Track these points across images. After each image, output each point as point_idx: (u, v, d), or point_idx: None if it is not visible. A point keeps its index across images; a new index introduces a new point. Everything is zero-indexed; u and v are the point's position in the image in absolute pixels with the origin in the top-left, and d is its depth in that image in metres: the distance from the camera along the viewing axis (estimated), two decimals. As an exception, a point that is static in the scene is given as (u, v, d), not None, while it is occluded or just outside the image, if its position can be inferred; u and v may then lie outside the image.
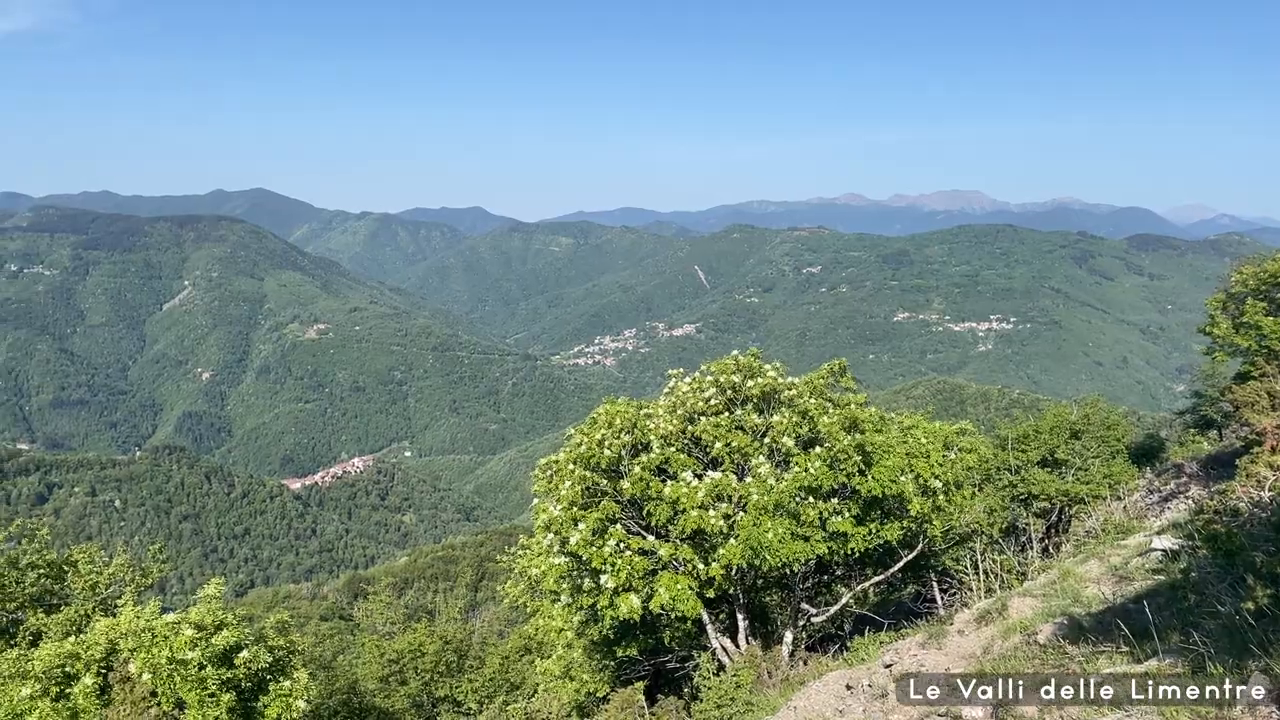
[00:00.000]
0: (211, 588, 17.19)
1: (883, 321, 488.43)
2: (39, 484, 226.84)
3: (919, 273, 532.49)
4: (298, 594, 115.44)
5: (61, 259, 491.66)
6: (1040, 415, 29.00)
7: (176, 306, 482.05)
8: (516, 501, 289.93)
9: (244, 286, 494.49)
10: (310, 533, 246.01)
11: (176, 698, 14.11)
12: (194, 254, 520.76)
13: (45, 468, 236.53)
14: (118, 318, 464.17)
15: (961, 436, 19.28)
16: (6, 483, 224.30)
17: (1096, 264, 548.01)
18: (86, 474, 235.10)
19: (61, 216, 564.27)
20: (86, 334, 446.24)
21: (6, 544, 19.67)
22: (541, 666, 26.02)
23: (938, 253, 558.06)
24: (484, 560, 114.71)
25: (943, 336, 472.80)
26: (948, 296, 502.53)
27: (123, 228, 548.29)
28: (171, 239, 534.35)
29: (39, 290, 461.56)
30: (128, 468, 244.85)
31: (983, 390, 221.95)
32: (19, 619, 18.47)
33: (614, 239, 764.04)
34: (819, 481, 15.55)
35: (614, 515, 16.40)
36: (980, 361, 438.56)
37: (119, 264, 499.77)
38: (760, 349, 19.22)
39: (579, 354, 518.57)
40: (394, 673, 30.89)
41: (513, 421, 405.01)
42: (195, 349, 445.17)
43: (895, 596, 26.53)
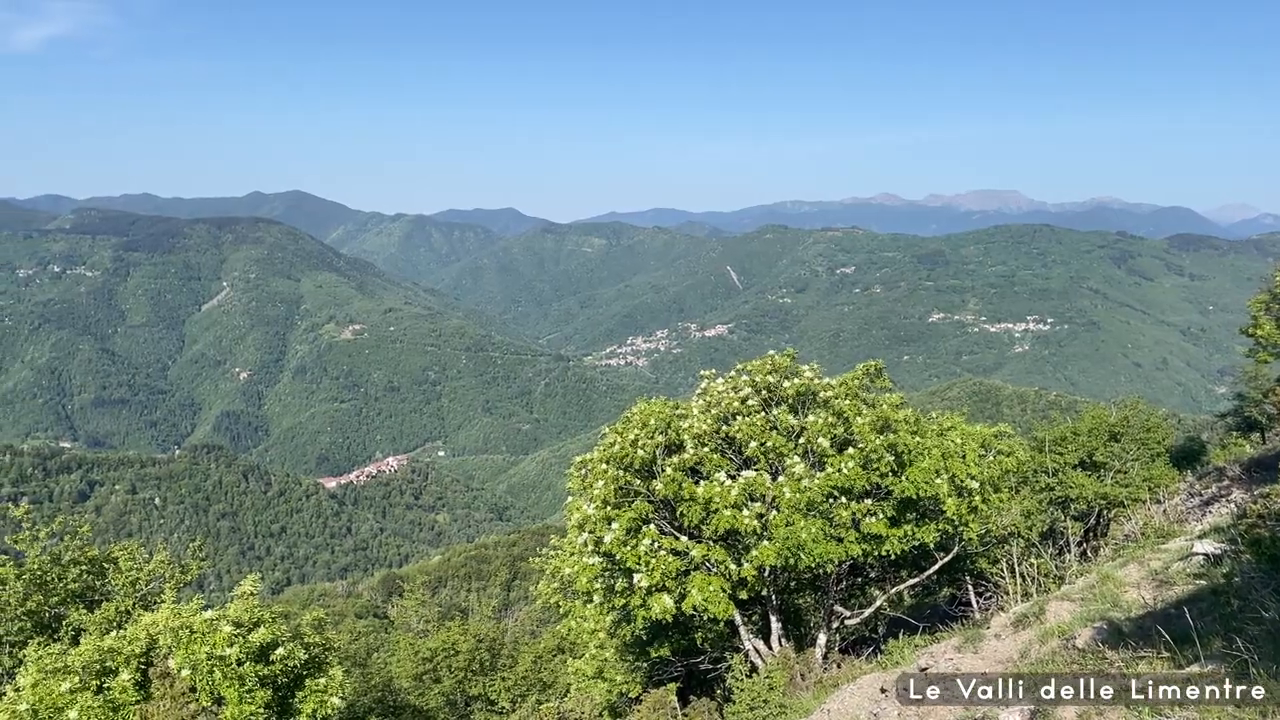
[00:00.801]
0: (247, 584, 17.41)
1: (917, 322, 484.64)
2: (81, 481, 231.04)
3: (955, 273, 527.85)
4: (333, 592, 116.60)
5: (103, 260, 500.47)
6: (1078, 417, 28.62)
7: (215, 307, 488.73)
8: (549, 501, 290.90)
9: (281, 287, 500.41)
10: (345, 531, 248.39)
11: (215, 693, 14.31)
12: (232, 255, 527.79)
13: (87, 466, 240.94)
14: (158, 318, 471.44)
15: (999, 439, 19.07)
16: (49, 480, 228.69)
17: (1136, 264, 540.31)
18: (127, 472, 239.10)
19: (103, 218, 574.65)
20: (127, 334, 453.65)
21: (49, 540, 19.98)
22: (574, 666, 26.08)
23: (974, 253, 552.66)
24: (516, 560, 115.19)
25: (978, 338, 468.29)
26: (984, 297, 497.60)
27: (163, 229, 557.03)
28: (210, 240, 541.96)
29: (81, 291, 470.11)
30: (167, 466, 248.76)
31: (1019, 392, 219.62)
32: (61, 614, 18.77)
33: (646, 239, 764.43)
34: (852, 482, 15.45)
35: (647, 515, 16.40)
36: (1017, 363, 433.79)
37: (159, 265, 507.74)
38: (794, 350, 19.14)
39: (611, 355, 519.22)
40: (428, 671, 31.09)
41: (545, 422, 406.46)
42: (233, 349, 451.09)
43: (930, 600, 26.32)
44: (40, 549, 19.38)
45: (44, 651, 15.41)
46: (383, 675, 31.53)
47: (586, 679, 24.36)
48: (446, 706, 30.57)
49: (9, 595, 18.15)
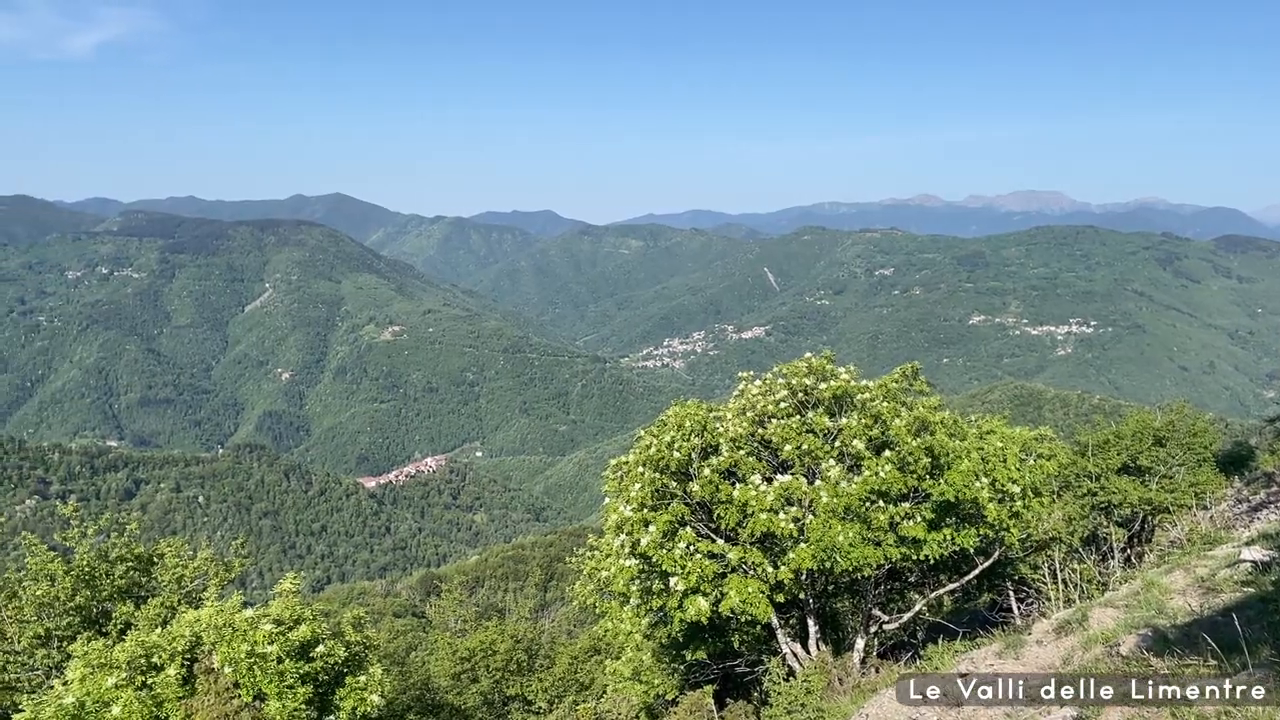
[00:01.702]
0: (287, 582, 17.63)
1: (957, 325, 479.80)
2: (127, 479, 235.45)
3: (995, 275, 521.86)
4: (372, 591, 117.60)
5: (149, 262, 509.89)
6: (1122, 421, 28.13)
7: (258, 308, 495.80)
8: (585, 503, 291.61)
9: (322, 289, 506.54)
10: (384, 530, 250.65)
11: (257, 689, 14.51)
12: (274, 257, 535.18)
13: (133, 464, 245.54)
14: (202, 319, 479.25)
15: (1041, 442, 18.81)
16: (96, 478, 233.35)
17: (1182, 266, 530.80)
18: (172, 470, 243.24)
19: (149, 221, 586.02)
20: (173, 335, 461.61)
21: (97, 537, 20.34)
22: (610, 668, 26.10)
23: (1015, 254, 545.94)
24: (553, 560, 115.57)
25: (1020, 340, 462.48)
26: (1025, 299, 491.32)
27: (207, 232, 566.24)
28: (253, 243, 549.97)
29: (128, 292, 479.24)
30: (211, 465, 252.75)
31: (1062, 395, 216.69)
32: (108, 610, 19.12)
33: (683, 241, 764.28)
34: (889, 485, 15.32)
35: (684, 517, 16.39)
36: (1059, 366, 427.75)
37: (203, 267, 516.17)
38: (832, 352, 19.02)
39: (648, 356, 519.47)
40: (466, 670, 31.31)
41: (582, 423, 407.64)
42: (275, 350, 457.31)
43: (970, 605, 26.01)
44: (88, 546, 19.76)
45: (91, 647, 15.72)
46: (421, 674, 31.80)
47: (623, 680, 24.37)
48: (484, 706, 30.77)
49: (58, 591, 18.52)
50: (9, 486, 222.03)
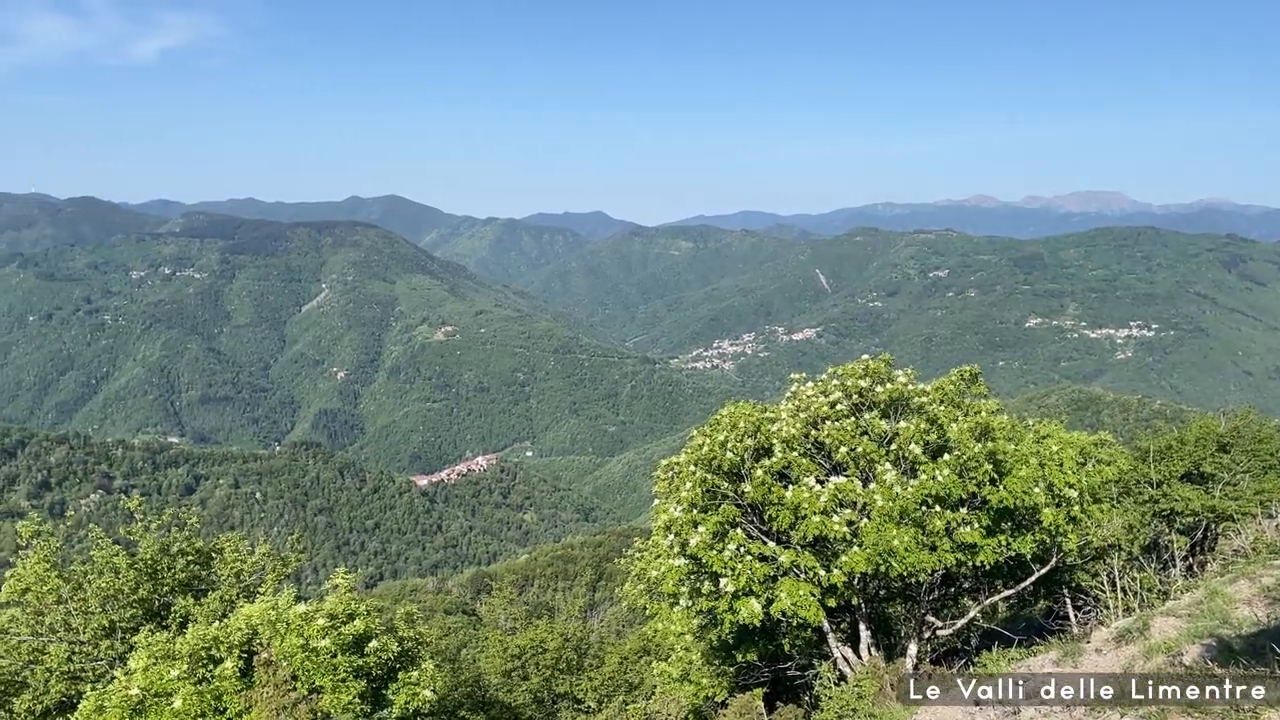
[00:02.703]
0: (341, 578, 17.90)
1: (1013, 327, 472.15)
2: (187, 475, 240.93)
3: (1053, 277, 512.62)
4: (424, 588, 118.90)
5: (210, 263, 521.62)
6: (1184, 426, 27.48)
7: (314, 308, 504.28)
8: (634, 503, 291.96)
9: (377, 289, 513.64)
10: (436, 528, 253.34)
11: (312, 683, 14.76)
12: (331, 258, 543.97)
13: (193, 460, 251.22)
14: (260, 319, 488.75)
15: (1100, 448, 18.44)
16: (158, 474, 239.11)
17: (1247, 268, 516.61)
18: (230, 467, 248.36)
19: (211, 222, 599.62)
20: (232, 334, 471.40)
21: (159, 532, 20.80)
22: (659, 668, 26.08)
23: (1074, 256, 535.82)
24: (602, 561, 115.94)
25: (1078, 343, 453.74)
26: (1084, 301, 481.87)
27: (266, 233, 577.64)
28: (310, 244, 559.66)
29: (190, 292, 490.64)
30: (268, 462, 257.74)
31: (1121, 400, 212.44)
32: (170, 603, 19.55)
33: (734, 242, 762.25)
34: (946, 490, 15.14)
35: (734, 519, 16.33)
36: (1118, 370, 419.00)
37: (262, 268, 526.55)
38: (890, 355, 18.83)
39: (697, 358, 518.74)
40: (516, 668, 31.52)
41: (631, 424, 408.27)
42: (331, 349, 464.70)
43: (1026, 612, 25.60)
44: (151, 540, 20.23)
45: (153, 639, 16.09)
46: (472, 671, 32.07)
47: (672, 681, 24.34)
48: (534, 704, 30.95)
49: (122, 583, 18.98)
50: (75, 481, 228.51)
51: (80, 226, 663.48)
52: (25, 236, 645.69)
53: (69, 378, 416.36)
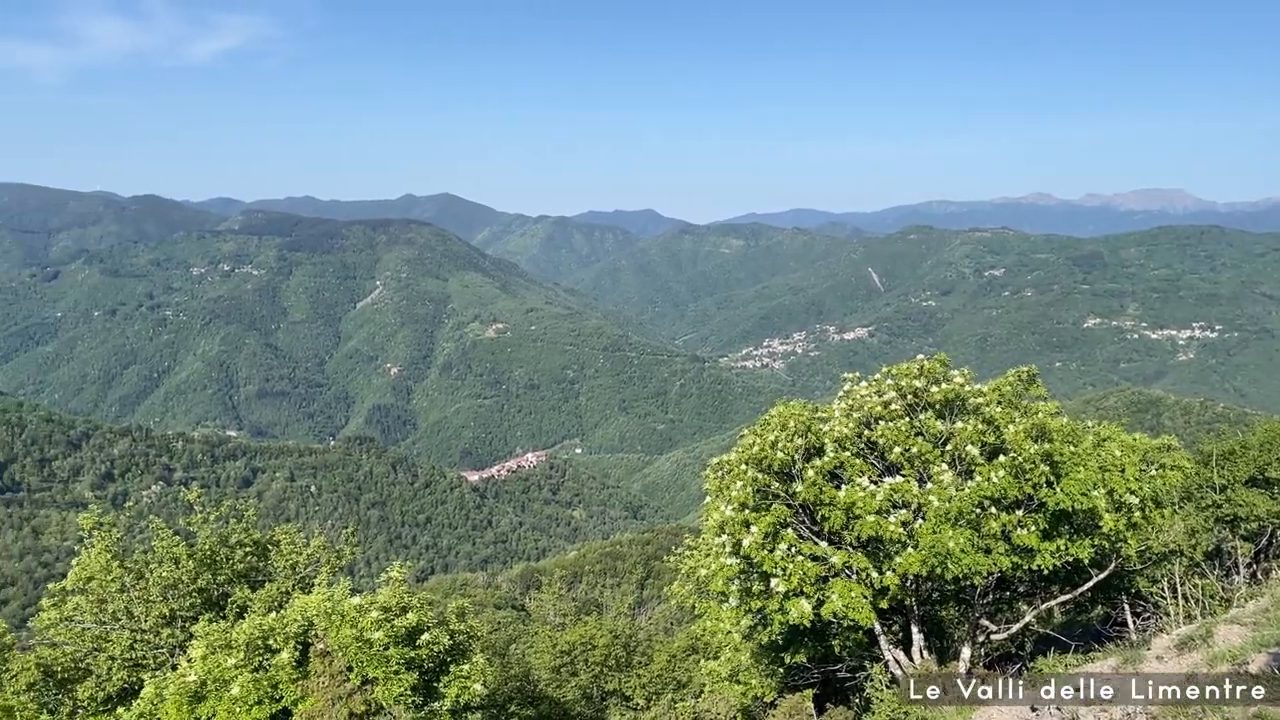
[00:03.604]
0: (395, 571, 18.10)
1: (1071, 328, 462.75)
2: (245, 468, 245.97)
3: (1113, 276, 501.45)
4: (474, 582, 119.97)
5: (268, 260, 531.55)
6: (1249, 430, 26.73)
7: (369, 305, 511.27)
8: (682, 502, 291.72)
9: (430, 287, 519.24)
10: (486, 524, 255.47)
11: (364, 674, 14.97)
12: (385, 255, 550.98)
13: (250, 454, 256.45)
14: (316, 315, 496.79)
15: (1165, 452, 17.97)
16: (217, 466, 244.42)
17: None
18: (286, 461, 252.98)
19: (268, 220, 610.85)
20: (289, 330, 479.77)
21: (218, 523, 21.22)
22: (708, 667, 26.04)
23: (1134, 255, 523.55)
24: (650, 558, 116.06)
25: (1138, 344, 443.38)
26: (1144, 302, 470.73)
27: (322, 231, 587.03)
28: (365, 241, 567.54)
29: (248, 289, 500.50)
30: (323, 456, 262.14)
31: (1183, 402, 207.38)
32: (228, 593, 19.94)
33: (785, 240, 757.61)
34: (1003, 492, 14.89)
35: (785, 519, 16.24)
36: (1180, 371, 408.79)
37: (318, 265, 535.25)
38: (945, 355, 18.56)
39: (747, 356, 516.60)
40: (565, 664, 31.64)
41: (680, 422, 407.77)
42: (385, 345, 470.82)
43: (1083, 618, 25.11)
44: (210, 531, 20.67)
45: (212, 628, 16.43)
46: (522, 666, 32.28)
47: (721, 680, 24.29)
48: (583, 700, 31.04)
49: (182, 573, 19.40)
50: (137, 472, 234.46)
51: (143, 224, 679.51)
52: (91, 234, 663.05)
53: (132, 372, 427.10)
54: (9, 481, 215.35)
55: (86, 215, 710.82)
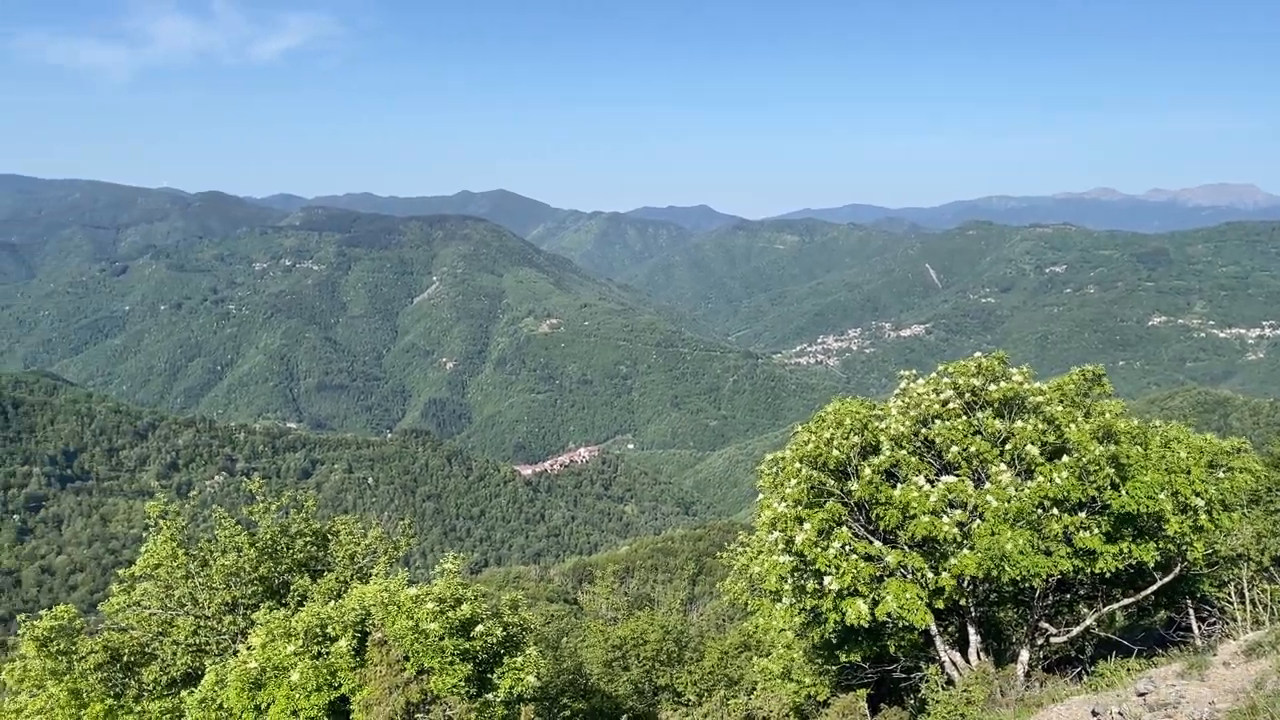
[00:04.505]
0: (450, 562, 18.32)
1: (1135, 326, 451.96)
2: (304, 460, 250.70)
3: (1179, 273, 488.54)
4: (527, 575, 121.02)
5: (328, 255, 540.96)
6: (1324, 432, 25.91)
7: (425, 300, 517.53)
8: (734, 498, 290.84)
9: (485, 282, 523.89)
10: (539, 517, 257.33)
11: (421, 663, 15.18)
12: (441, 251, 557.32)
13: (310, 445, 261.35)
14: (374, 310, 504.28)
15: (1232, 455, 17.46)
16: (277, 457, 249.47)
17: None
18: (345, 452, 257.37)
19: (328, 216, 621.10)
20: (348, 324, 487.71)
21: (278, 513, 21.63)
22: (760, 665, 25.94)
23: (1201, 252, 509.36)
24: (702, 555, 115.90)
25: (1205, 343, 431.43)
26: (1212, 300, 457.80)
27: (380, 227, 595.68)
28: (422, 237, 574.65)
29: (308, 283, 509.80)
30: (380, 448, 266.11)
31: (1252, 403, 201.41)
32: (288, 581, 20.34)
33: (840, 236, 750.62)
34: (1065, 493, 14.60)
35: (840, 517, 16.11)
36: (1249, 371, 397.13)
37: (376, 260, 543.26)
38: (1004, 353, 18.24)
39: (801, 353, 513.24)
40: (617, 658, 31.73)
41: (733, 419, 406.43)
42: (441, 340, 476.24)
43: (1145, 622, 24.55)
44: (271, 520, 21.09)
45: (273, 616, 16.78)
46: (574, 659, 32.45)
47: (773, 678, 24.20)
48: (635, 694, 31.11)
49: (244, 561, 19.84)
50: (201, 462, 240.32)
51: (208, 219, 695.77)
52: (158, 229, 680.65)
53: (196, 364, 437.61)
54: (79, 470, 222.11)
55: (154, 211, 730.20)
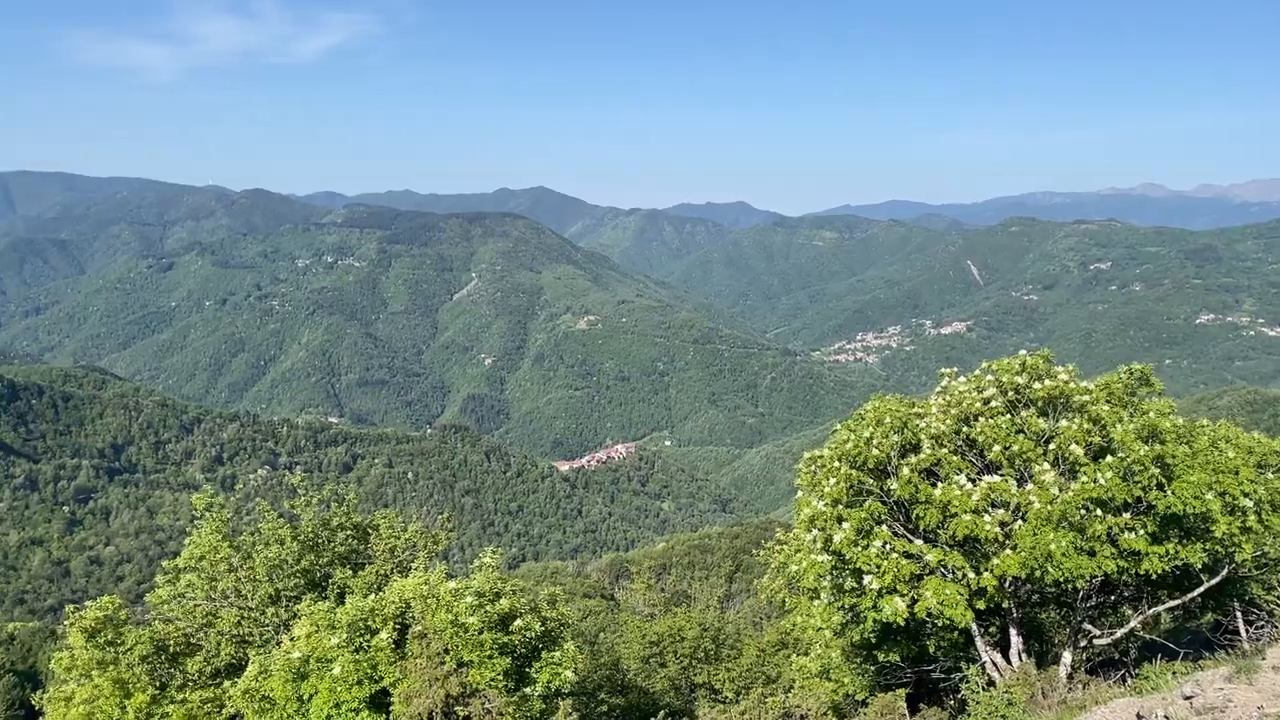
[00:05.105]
0: (489, 556, 18.43)
1: (1182, 324, 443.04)
2: (346, 454, 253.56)
3: (1228, 270, 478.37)
4: (564, 571, 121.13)
5: (369, 252, 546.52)
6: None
7: (464, 297, 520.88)
8: (772, 496, 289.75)
9: (523, 279, 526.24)
10: (576, 513, 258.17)
11: (459, 657, 15.30)
12: (481, 248, 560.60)
13: (351, 440, 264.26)
14: (414, 306, 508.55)
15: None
16: (319, 451, 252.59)
17: None
18: (385, 447, 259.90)
19: (370, 214, 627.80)
20: (388, 320, 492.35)
21: (320, 506, 21.88)
22: (798, 663, 25.84)
23: (1251, 248, 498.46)
24: (740, 552, 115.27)
25: (1254, 341, 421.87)
26: (1262, 297, 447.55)
27: (420, 224, 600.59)
28: (461, 234, 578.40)
29: (350, 280, 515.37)
30: (420, 444, 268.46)
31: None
32: (329, 574, 20.55)
33: (880, 233, 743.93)
34: (1110, 494, 14.37)
35: (880, 516, 15.99)
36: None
37: (416, 257, 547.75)
38: (1050, 351, 17.97)
39: (839, 350, 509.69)
40: (654, 655, 31.73)
41: (770, 416, 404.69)
42: (480, 336, 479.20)
43: (1191, 624, 24.13)
44: (313, 514, 21.33)
45: (315, 608, 16.98)
46: (611, 655, 32.50)
47: (811, 677, 24.10)
48: (672, 691, 31.11)
49: (287, 554, 20.07)
50: (245, 456, 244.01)
51: (252, 216, 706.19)
52: (204, 226, 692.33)
53: (240, 359, 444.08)
54: (126, 463, 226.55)
55: (200, 208, 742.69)
